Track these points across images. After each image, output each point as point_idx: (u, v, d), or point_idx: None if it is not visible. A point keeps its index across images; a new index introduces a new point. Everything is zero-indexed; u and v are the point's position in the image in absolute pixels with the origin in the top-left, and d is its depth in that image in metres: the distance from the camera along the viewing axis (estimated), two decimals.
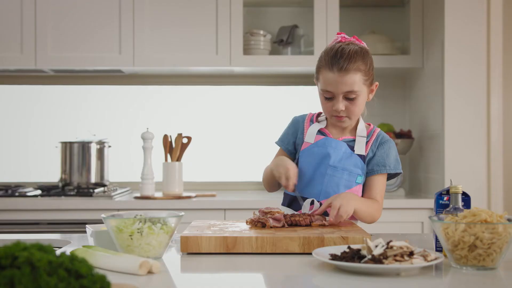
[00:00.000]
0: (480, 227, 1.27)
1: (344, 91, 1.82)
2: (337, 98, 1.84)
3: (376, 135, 1.93)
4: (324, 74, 1.84)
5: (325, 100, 1.87)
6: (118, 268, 1.26)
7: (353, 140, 1.92)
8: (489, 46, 2.90)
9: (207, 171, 3.57)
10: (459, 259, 1.31)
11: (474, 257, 1.29)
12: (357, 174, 1.88)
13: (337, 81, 1.81)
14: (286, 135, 2.01)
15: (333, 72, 1.82)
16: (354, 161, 1.88)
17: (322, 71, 1.86)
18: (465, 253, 1.29)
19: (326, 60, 1.85)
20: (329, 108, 1.87)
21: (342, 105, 1.84)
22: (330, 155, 1.87)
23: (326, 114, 1.91)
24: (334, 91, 1.83)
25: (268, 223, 1.63)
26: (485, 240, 1.27)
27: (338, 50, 1.84)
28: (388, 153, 1.91)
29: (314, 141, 1.91)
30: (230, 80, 3.55)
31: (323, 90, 1.85)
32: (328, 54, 1.86)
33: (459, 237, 1.28)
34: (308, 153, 1.90)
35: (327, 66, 1.84)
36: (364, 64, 1.85)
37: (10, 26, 3.11)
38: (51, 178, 3.44)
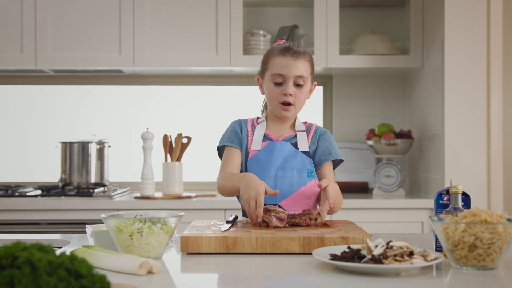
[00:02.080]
0: (480, 227, 1.27)
1: (296, 75, 1.91)
2: (287, 82, 1.92)
3: (315, 129, 2.03)
4: (275, 60, 1.93)
5: (274, 86, 1.94)
6: (118, 268, 1.26)
7: (294, 136, 1.99)
8: (489, 46, 2.90)
9: (207, 171, 3.56)
10: (459, 259, 1.31)
11: (474, 257, 1.29)
12: (307, 170, 1.93)
13: (290, 64, 1.91)
14: (235, 134, 2.02)
15: (286, 57, 1.92)
16: (300, 158, 1.94)
17: (273, 58, 1.95)
18: (465, 253, 1.29)
19: (278, 50, 1.95)
20: (277, 94, 1.94)
21: (292, 89, 1.92)
22: (276, 157, 1.92)
23: (273, 102, 1.96)
24: (286, 74, 1.91)
25: (272, 223, 1.63)
26: (485, 240, 1.27)
27: (289, 44, 1.97)
28: (330, 141, 2.01)
29: (260, 148, 1.96)
30: (230, 80, 3.55)
31: (274, 75, 1.93)
32: (279, 46, 1.97)
33: (459, 237, 1.28)
34: (256, 160, 1.94)
35: (279, 54, 1.94)
36: (311, 59, 1.98)
37: (10, 26, 3.11)
38: (51, 178, 3.44)
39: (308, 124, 2.06)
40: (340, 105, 3.50)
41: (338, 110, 3.50)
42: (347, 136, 3.50)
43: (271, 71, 1.95)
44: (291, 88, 1.93)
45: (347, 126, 3.50)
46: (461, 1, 2.90)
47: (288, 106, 1.94)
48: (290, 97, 1.93)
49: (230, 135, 2.03)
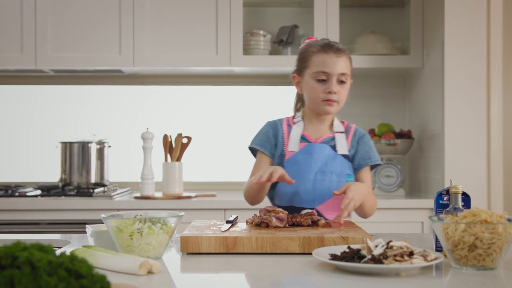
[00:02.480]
0: (480, 227, 1.27)
1: (339, 72, 1.89)
2: (331, 79, 1.89)
3: (354, 131, 1.99)
4: (318, 58, 1.90)
5: (318, 83, 1.90)
6: (118, 268, 1.26)
7: (332, 138, 1.95)
8: (489, 46, 2.89)
9: (207, 171, 3.57)
10: (459, 259, 1.31)
11: (474, 257, 1.29)
12: (346, 174, 1.89)
13: (334, 61, 1.88)
14: (267, 139, 1.98)
15: (329, 54, 1.89)
16: (340, 161, 1.90)
17: (314, 56, 1.91)
18: (465, 253, 1.29)
19: (318, 47, 1.91)
20: (320, 91, 1.90)
21: (336, 87, 1.89)
22: (315, 161, 1.88)
23: (315, 100, 1.92)
24: (330, 71, 1.88)
25: (272, 223, 1.63)
26: (485, 240, 1.27)
27: (328, 41, 1.93)
28: (370, 145, 1.98)
29: (298, 149, 1.92)
30: (230, 80, 3.55)
31: (317, 72, 1.89)
32: (318, 43, 1.93)
33: (459, 237, 1.28)
34: (293, 162, 1.90)
35: (321, 51, 1.90)
36: (350, 57, 1.98)
37: (10, 26, 3.11)
38: (51, 178, 3.44)
39: (346, 124, 2.01)
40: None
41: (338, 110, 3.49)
42: None
43: (313, 68, 1.91)
44: (335, 86, 1.89)
45: None
46: (461, 1, 2.90)
47: (332, 101, 1.90)
48: (334, 95, 1.89)
49: (262, 138, 1.99)
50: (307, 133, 1.96)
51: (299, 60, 1.99)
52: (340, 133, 1.96)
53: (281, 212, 1.70)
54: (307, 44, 1.97)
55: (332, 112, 1.93)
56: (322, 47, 1.90)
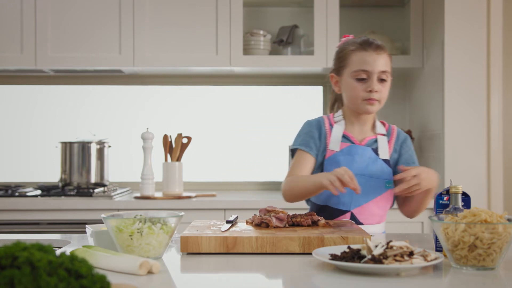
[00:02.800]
0: (480, 227, 1.27)
1: (380, 70, 1.83)
2: (372, 78, 1.83)
3: (396, 134, 1.95)
4: (357, 56, 1.85)
5: (358, 82, 1.84)
6: (118, 268, 1.26)
7: (375, 140, 1.90)
8: (489, 46, 2.89)
9: (207, 171, 3.57)
10: (459, 259, 1.31)
11: (474, 257, 1.29)
12: (385, 179, 1.86)
13: (374, 59, 1.83)
14: (312, 139, 1.91)
15: (368, 52, 1.84)
16: (380, 166, 1.86)
17: (353, 54, 1.86)
18: (465, 253, 1.29)
19: (357, 45, 1.86)
20: (361, 90, 1.84)
21: (377, 85, 1.83)
22: (357, 163, 1.84)
23: (356, 99, 1.86)
24: (370, 70, 1.83)
25: (272, 223, 1.63)
26: (485, 240, 1.27)
27: (367, 38, 1.87)
28: (412, 149, 1.95)
29: (339, 148, 1.87)
30: (230, 80, 3.55)
31: (357, 71, 1.84)
32: (356, 41, 1.88)
33: (459, 237, 1.28)
34: (333, 161, 1.85)
35: (360, 49, 1.85)
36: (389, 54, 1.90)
37: (10, 26, 3.11)
38: (51, 178, 3.44)
39: (387, 126, 1.97)
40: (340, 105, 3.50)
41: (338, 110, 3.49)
42: None
43: (352, 67, 1.86)
44: (376, 85, 1.84)
45: None
46: (461, 1, 2.90)
47: (373, 100, 1.85)
48: (375, 93, 1.84)
49: (304, 138, 1.91)
50: (351, 133, 1.91)
51: (337, 59, 1.93)
52: (382, 135, 1.92)
53: (281, 212, 1.70)
54: (344, 42, 1.93)
55: (373, 111, 1.88)
56: (361, 44, 1.86)
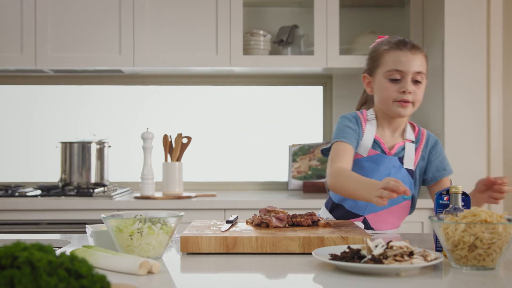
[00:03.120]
0: (480, 227, 1.27)
1: (415, 70, 1.77)
2: (406, 78, 1.77)
3: (425, 140, 1.88)
4: (391, 55, 1.79)
5: (391, 83, 1.78)
6: (118, 268, 1.26)
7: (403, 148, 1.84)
8: (489, 46, 2.89)
9: (207, 171, 3.57)
10: (459, 259, 1.31)
11: (474, 257, 1.29)
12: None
13: (409, 58, 1.77)
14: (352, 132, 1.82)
15: (403, 51, 1.78)
16: (402, 176, 1.81)
17: (387, 53, 1.80)
18: (465, 253, 1.29)
19: (391, 44, 1.81)
20: (394, 91, 1.78)
21: (411, 86, 1.77)
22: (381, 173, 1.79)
23: (387, 100, 1.79)
24: (404, 70, 1.77)
25: (272, 223, 1.63)
26: (485, 240, 1.27)
27: (403, 38, 1.82)
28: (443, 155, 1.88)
29: (366, 154, 1.82)
30: (230, 80, 3.55)
31: (391, 71, 1.78)
32: (391, 40, 1.82)
33: (459, 237, 1.28)
34: (358, 166, 1.81)
35: (394, 48, 1.79)
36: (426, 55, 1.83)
37: (10, 26, 3.11)
38: (51, 178, 3.44)
39: (417, 130, 1.90)
40: (340, 105, 3.50)
41: (338, 110, 3.50)
42: None
43: (386, 67, 1.79)
44: (410, 86, 1.77)
45: None
46: (461, 1, 2.90)
47: (407, 102, 1.78)
48: (409, 95, 1.77)
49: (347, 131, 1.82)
50: (382, 138, 1.85)
51: (370, 59, 1.87)
52: (411, 142, 1.85)
53: (281, 212, 1.70)
54: (379, 42, 1.88)
55: (406, 114, 1.81)
56: (396, 44, 1.81)
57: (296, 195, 3.21)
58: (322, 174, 3.41)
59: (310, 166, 3.43)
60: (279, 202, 2.91)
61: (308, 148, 3.48)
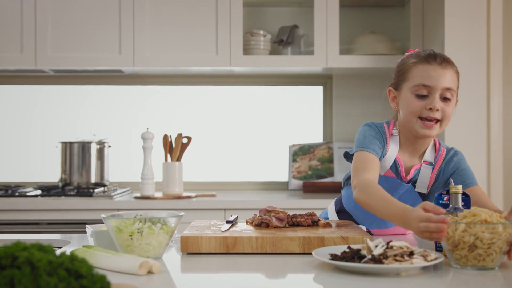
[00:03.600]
0: (480, 227, 1.27)
1: (444, 86, 1.65)
2: (433, 94, 1.65)
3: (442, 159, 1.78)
4: (419, 69, 1.67)
5: (417, 98, 1.67)
6: (118, 268, 1.26)
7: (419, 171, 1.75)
8: (489, 46, 2.89)
9: (207, 171, 3.57)
10: (459, 259, 1.31)
11: (474, 257, 1.29)
12: None
13: (438, 73, 1.64)
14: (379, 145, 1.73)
15: (432, 65, 1.66)
16: (412, 199, 1.74)
17: (415, 67, 1.68)
18: (465, 253, 1.29)
19: (420, 57, 1.69)
20: (419, 107, 1.66)
21: (439, 103, 1.65)
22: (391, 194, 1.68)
23: (412, 117, 1.69)
24: (433, 85, 1.64)
25: (272, 223, 1.63)
26: (485, 240, 1.27)
27: (432, 51, 1.71)
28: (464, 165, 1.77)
29: (383, 173, 1.73)
30: (230, 80, 3.55)
31: (418, 86, 1.66)
32: (421, 53, 1.71)
33: (459, 237, 1.28)
34: None
35: (423, 61, 1.67)
36: (458, 71, 1.72)
37: (10, 26, 3.11)
38: (51, 178, 3.44)
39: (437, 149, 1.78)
40: (340, 105, 3.50)
41: (338, 110, 3.50)
42: (347, 136, 3.50)
43: (413, 81, 1.67)
44: (438, 102, 1.64)
45: (347, 126, 3.50)
46: (461, 1, 2.90)
47: (431, 123, 1.66)
48: (436, 112, 1.65)
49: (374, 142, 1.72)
50: (401, 159, 1.75)
51: (397, 73, 1.75)
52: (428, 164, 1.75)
53: (281, 212, 1.70)
54: (407, 55, 1.76)
55: (431, 135, 1.69)
56: (425, 57, 1.68)
57: (296, 195, 3.21)
58: (322, 174, 3.41)
59: (310, 166, 3.43)
60: (279, 202, 2.91)
61: (308, 148, 3.48)
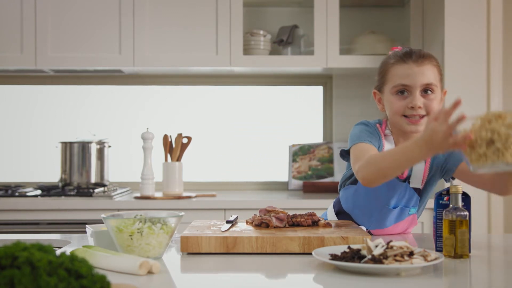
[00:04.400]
0: (496, 122, 1.28)
1: (423, 83, 1.67)
2: (413, 93, 1.68)
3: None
4: (396, 69, 1.70)
5: (397, 99, 1.70)
6: (118, 268, 1.26)
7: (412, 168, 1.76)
8: (489, 46, 2.89)
9: (207, 171, 3.57)
10: (478, 159, 1.31)
11: (493, 152, 1.29)
12: (411, 207, 1.80)
13: (415, 71, 1.67)
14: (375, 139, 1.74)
15: (408, 64, 1.68)
16: (408, 195, 1.77)
17: (392, 68, 1.72)
18: (483, 150, 1.30)
19: (397, 57, 1.72)
20: (402, 107, 1.70)
21: (420, 100, 1.67)
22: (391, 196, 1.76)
23: (395, 116, 1.73)
24: (411, 84, 1.67)
25: (272, 223, 1.63)
26: (502, 134, 1.28)
27: (409, 49, 1.73)
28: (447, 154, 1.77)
29: None
30: (230, 80, 3.55)
31: (397, 86, 1.69)
32: (397, 53, 1.74)
33: (476, 135, 1.29)
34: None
35: (400, 61, 1.70)
36: (438, 63, 1.74)
37: (10, 26, 3.11)
38: (51, 178, 3.43)
39: None
40: (340, 105, 3.50)
41: (338, 110, 3.50)
42: (347, 136, 3.47)
43: (392, 82, 1.71)
44: (419, 99, 1.67)
45: (347, 126, 3.50)
46: (461, 1, 2.90)
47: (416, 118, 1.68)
48: (419, 109, 1.67)
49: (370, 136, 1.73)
50: None
51: (378, 75, 1.79)
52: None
53: (281, 212, 1.70)
54: (386, 56, 1.79)
55: (419, 130, 1.69)
56: (401, 57, 1.71)
57: (296, 195, 3.21)
58: (322, 174, 3.41)
59: (310, 166, 3.43)
60: (279, 202, 2.91)
61: (308, 148, 3.48)
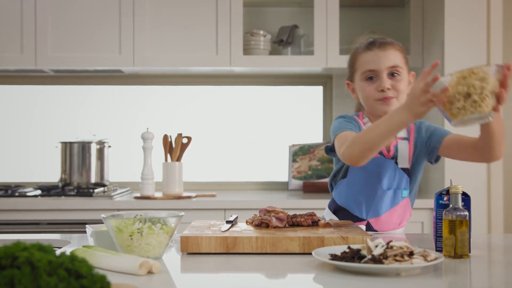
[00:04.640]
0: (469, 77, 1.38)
1: (388, 65, 1.77)
2: (381, 76, 1.77)
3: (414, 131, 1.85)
4: (363, 57, 1.80)
5: (368, 83, 1.79)
6: (118, 268, 1.26)
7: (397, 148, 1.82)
8: (489, 46, 2.89)
9: (207, 171, 3.57)
10: (457, 112, 1.41)
11: (471, 104, 1.39)
12: (402, 189, 1.82)
13: (379, 56, 1.77)
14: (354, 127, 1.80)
15: (373, 51, 1.79)
16: (398, 176, 1.81)
17: (360, 57, 1.81)
18: (462, 104, 1.39)
19: (363, 47, 1.81)
20: (372, 90, 1.78)
21: (388, 82, 1.76)
22: (381, 177, 1.80)
23: (369, 101, 1.80)
24: (377, 68, 1.77)
25: (271, 223, 1.63)
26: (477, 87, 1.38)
27: (373, 39, 1.82)
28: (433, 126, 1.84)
29: None
30: (230, 80, 3.55)
31: (365, 72, 1.79)
32: (363, 43, 1.83)
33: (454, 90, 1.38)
34: (363, 168, 1.79)
35: (365, 50, 1.80)
36: (401, 48, 1.83)
37: (10, 26, 3.11)
38: (51, 178, 3.44)
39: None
40: (340, 105, 3.50)
41: (338, 110, 3.50)
42: None
43: (361, 69, 1.80)
44: (386, 82, 1.76)
45: None
46: (461, 1, 2.90)
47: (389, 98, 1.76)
48: (389, 91, 1.76)
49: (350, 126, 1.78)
50: None
51: (348, 66, 1.88)
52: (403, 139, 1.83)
53: (281, 212, 1.70)
54: (355, 47, 1.89)
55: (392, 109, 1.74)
56: (366, 45, 1.81)
57: (296, 195, 3.21)
58: (322, 174, 3.41)
59: (310, 166, 3.43)
60: (279, 202, 2.91)
61: (308, 148, 3.48)
